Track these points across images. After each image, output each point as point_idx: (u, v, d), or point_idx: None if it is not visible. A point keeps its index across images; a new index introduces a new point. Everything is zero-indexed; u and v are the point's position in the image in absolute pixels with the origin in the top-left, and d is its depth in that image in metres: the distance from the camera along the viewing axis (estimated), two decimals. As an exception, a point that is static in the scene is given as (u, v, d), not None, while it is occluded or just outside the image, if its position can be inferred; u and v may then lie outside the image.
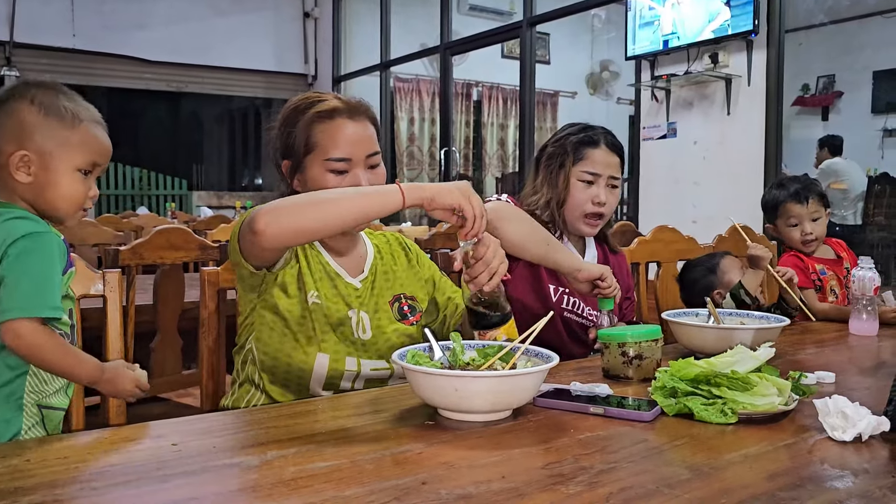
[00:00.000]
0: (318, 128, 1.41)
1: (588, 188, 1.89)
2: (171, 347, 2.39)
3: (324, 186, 1.39)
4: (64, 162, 1.22)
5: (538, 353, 1.22)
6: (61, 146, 1.22)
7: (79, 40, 7.34)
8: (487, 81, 9.15)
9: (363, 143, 1.43)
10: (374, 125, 1.48)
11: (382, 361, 1.47)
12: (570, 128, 1.97)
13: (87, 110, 1.26)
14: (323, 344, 1.41)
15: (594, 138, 1.91)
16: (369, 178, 1.42)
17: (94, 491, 0.84)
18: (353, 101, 1.47)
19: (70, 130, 1.22)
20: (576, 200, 1.89)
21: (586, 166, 1.89)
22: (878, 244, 6.93)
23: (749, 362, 1.20)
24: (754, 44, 4.43)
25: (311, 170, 1.42)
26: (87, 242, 3.67)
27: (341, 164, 1.40)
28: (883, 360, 1.67)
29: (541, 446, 1.01)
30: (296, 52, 8.63)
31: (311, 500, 0.81)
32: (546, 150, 1.96)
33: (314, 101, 1.45)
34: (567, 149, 1.91)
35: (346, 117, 1.42)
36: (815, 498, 0.83)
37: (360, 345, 1.45)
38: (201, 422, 1.15)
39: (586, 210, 1.89)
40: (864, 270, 1.95)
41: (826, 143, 6.99)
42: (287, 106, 1.49)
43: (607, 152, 1.91)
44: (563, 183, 1.90)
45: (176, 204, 8.53)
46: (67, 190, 1.23)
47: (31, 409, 1.23)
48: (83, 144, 1.24)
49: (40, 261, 1.16)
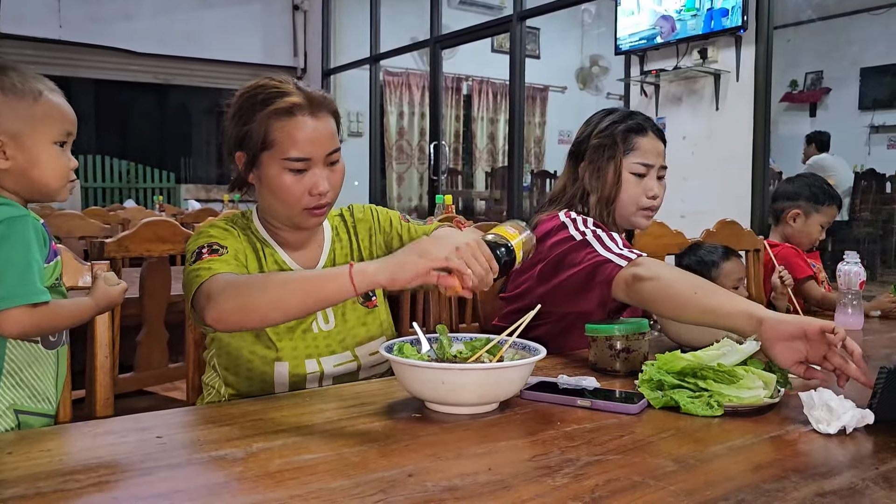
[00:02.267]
0: (277, 124, 1.32)
1: (640, 181, 1.75)
2: (158, 341, 2.38)
3: (281, 185, 1.33)
4: (38, 138, 1.18)
5: (525, 345, 1.22)
6: (30, 124, 1.17)
7: (65, 31, 7.27)
8: (477, 76, 9.13)
9: (323, 142, 1.34)
10: (336, 119, 1.40)
11: (346, 353, 1.43)
12: (608, 115, 1.81)
13: (42, 81, 1.21)
14: (280, 352, 1.37)
15: (642, 124, 1.77)
16: (328, 175, 1.35)
17: (77, 483, 0.83)
18: (315, 94, 1.37)
19: (33, 105, 1.17)
20: (630, 196, 1.75)
21: (638, 157, 1.75)
22: (864, 239, 6.98)
23: (735, 355, 1.21)
24: (743, 39, 4.44)
25: (269, 168, 1.34)
26: (74, 235, 3.64)
27: (300, 164, 1.33)
28: (868, 354, 1.68)
29: (527, 439, 1.01)
30: (285, 45, 8.58)
31: (297, 492, 0.80)
32: (590, 143, 1.78)
33: (273, 94, 1.34)
34: (616, 139, 1.75)
35: (307, 114, 1.33)
36: (799, 490, 0.83)
37: (321, 339, 1.41)
38: (187, 414, 1.14)
39: (641, 204, 1.77)
40: (849, 265, 1.96)
41: (813, 139, 7.02)
42: (242, 93, 1.38)
43: (654, 139, 1.78)
44: (615, 177, 1.74)
45: (164, 197, 8.48)
46: (50, 165, 1.19)
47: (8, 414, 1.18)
48: (50, 117, 1.19)
49: (21, 245, 1.12)
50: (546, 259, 1.66)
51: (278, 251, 1.45)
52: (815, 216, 2.41)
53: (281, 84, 1.37)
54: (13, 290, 1.10)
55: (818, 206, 2.42)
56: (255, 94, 1.35)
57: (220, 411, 1.14)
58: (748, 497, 0.81)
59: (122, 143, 9.77)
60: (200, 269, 1.27)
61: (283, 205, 1.37)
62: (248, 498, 0.79)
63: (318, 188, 1.34)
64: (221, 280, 1.22)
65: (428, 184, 7.43)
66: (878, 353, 1.65)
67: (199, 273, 1.26)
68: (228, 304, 1.18)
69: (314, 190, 1.34)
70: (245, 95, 1.37)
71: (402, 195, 8.78)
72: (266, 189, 1.37)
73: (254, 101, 1.35)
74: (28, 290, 1.10)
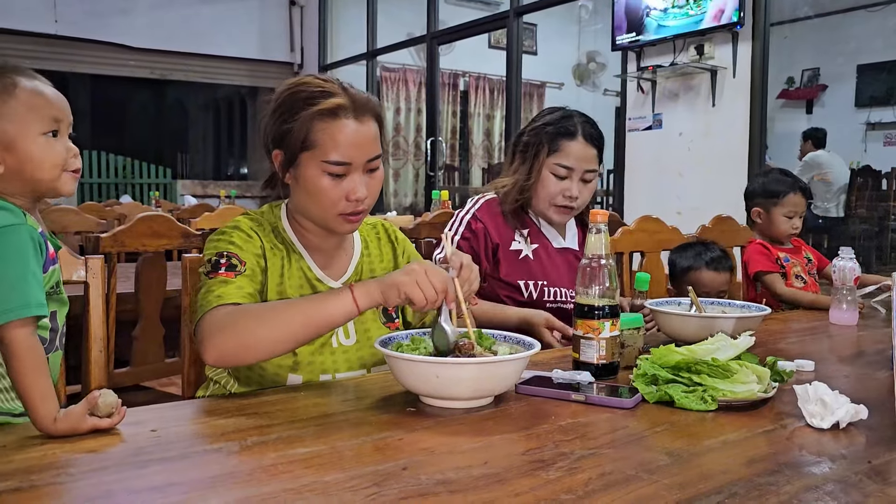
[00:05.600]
0: (319, 125, 1.28)
1: (560, 182, 1.86)
2: (154, 335, 2.38)
3: (318, 188, 1.30)
4: (23, 133, 1.10)
5: (520, 340, 1.22)
6: (10, 120, 1.09)
7: (61, 26, 7.25)
8: (474, 72, 9.12)
9: (365, 147, 1.31)
10: (380, 123, 1.36)
11: (361, 371, 1.39)
12: (548, 114, 1.93)
13: (15, 71, 1.13)
14: (298, 361, 1.33)
15: (571, 130, 1.86)
16: (367, 181, 1.32)
17: (70, 477, 0.83)
18: (360, 96, 1.33)
19: (9, 101, 1.10)
20: (546, 192, 1.87)
21: (560, 159, 1.85)
22: (861, 236, 7.00)
23: (729, 350, 1.21)
24: (740, 36, 4.44)
25: (307, 169, 1.30)
26: (69, 230, 3.64)
27: (340, 168, 1.29)
28: (862, 350, 1.69)
29: (522, 432, 1.01)
30: (281, 41, 8.56)
31: (291, 485, 0.80)
32: (522, 138, 1.94)
33: (317, 93, 1.30)
34: (542, 139, 1.88)
35: (351, 117, 1.29)
36: (792, 483, 0.84)
37: (339, 353, 1.37)
38: (181, 408, 1.14)
39: (556, 202, 1.88)
40: (844, 261, 1.96)
41: (810, 136, 7.03)
42: (285, 89, 1.34)
43: (584, 145, 1.86)
44: (536, 173, 1.88)
45: (160, 193, 8.46)
46: (43, 158, 1.11)
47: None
48: (31, 108, 1.11)
49: (14, 257, 1.04)
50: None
51: (305, 258, 1.40)
52: (776, 209, 2.42)
53: (325, 83, 1.33)
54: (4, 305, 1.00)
55: (775, 200, 2.43)
56: (299, 92, 1.31)
57: (215, 405, 1.14)
58: (741, 490, 0.81)
59: (119, 139, 9.77)
60: (210, 292, 1.23)
61: (318, 208, 1.33)
62: (243, 491, 0.80)
63: (355, 194, 1.30)
64: (222, 314, 1.19)
65: (424, 180, 7.43)
66: (872, 349, 1.65)
67: (207, 298, 1.23)
68: (228, 343, 1.16)
69: (352, 195, 1.30)
70: (288, 92, 1.33)
71: (398, 191, 8.78)
72: (302, 190, 1.33)
73: (296, 98, 1.31)
74: (21, 303, 1.01)
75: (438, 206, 4.46)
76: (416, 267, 1.18)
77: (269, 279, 1.35)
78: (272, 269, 1.35)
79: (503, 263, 1.89)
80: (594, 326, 1.30)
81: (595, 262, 1.33)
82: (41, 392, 0.98)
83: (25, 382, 0.98)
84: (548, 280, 1.88)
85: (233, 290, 1.24)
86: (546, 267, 1.90)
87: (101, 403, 0.97)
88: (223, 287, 1.24)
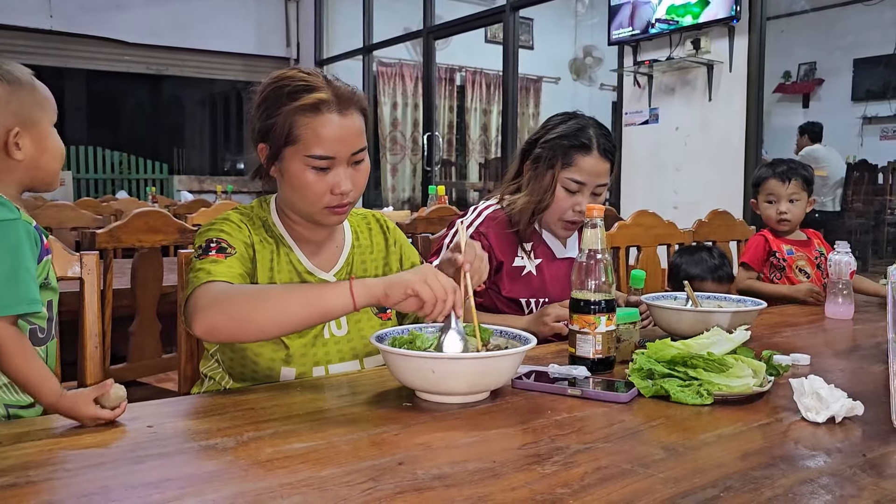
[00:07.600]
0: (302, 121, 1.27)
1: (571, 196, 1.80)
2: (150, 331, 2.37)
3: (302, 183, 1.30)
4: (44, 124, 1.16)
5: (516, 335, 1.22)
6: (37, 111, 1.15)
7: (56, 21, 7.22)
8: (471, 66, 9.11)
9: (349, 141, 1.30)
10: (364, 115, 1.35)
11: (355, 362, 1.40)
12: (562, 124, 1.84)
13: (19, 68, 1.18)
14: (290, 354, 1.34)
15: (587, 143, 1.79)
16: (352, 174, 1.32)
17: (67, 472, 0.83)
18: (344, 90, 1.31)
19: (34, 92, 1.16)
20: (558, 207, 1.81)
21: (573, 174, 1.79)
22: (857, 230, 7.02)
23: (725, 344, 1.22)
24: (736, 30, 4.44)
25: (291, 163, 1.30)
26: (66, 226, 3.63)
27: (323, 163, 1.28)
28: (858, 344, 1.69)
29: (517, 427, 1.01)
30: (277, 35, 8.55)
31: (287, 480, 0.81)
32: (535, 150, 1.85)
33: (300, 87, 1.29)
34: (557, 152, 1.80)
35: (335, 111, 1.28)
36: (787, 477, 0.84)
37: (332, 344, 1.38)
38: (177, 404, 1.14)
39: (566, 217, 1.82)
40: (840, 255, 1.97)
41: (806, 130, 7.03)
42: (269, 83, 1.33)
43: (599, 159, 1.80)
44: (549, 187, 1.81)
45: (156, 188, 8.45)
46: (56, 149, 1.18)
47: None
48: (47, 100, 1.18)
49: (8, 252, 1.06)
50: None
51: (295, 251, 1.40)
52: (760, 197, 2.44)
53: (309, 77, 1.31)
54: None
55: (757, 188, 2.45)
56: (282, 86, 1.30)
57: (211, 401, 1.14)
58: (736, 484, 0.81)
59: (115, 134, 9.74)
60: (201, 270, 1.24)
61: (303, 201, 1.33)
62: (239, 486, 0.80)
63: (340, 187, 1.30)
64: (215, 289, 1.20)
65: (421, 175, 7.42)
66: (868, 343, 1.66)
67: (198, 275, 1.23)
68: (220, 316, 1.16)
69: (336, 189, 1.30)
70: (271, 86, 1.32)
71: (395, 186, 8.77)
72: (287, 184, 1.33)
73: (280, 92, 1.30)
74: (13, 299, 1.04)
75: (435, 202, 4.45)
76: (425, 268, 1.18)
77: (259, 272, 1.35)
78: (261, 262, 1.36)
79: (505, 280, 1.85)
80: (590, 321, 1.30)
81: (591, 257, 1.33)
82: (38, 375, 1.03)
83: (24, 369, 1.03)
84: (549, 297, 1.86)
85: (223, 268, 1.26)
86: (547, 283, 1.87)
87: (112, 394, 1.00)
88: (214, 265, 1.26)
